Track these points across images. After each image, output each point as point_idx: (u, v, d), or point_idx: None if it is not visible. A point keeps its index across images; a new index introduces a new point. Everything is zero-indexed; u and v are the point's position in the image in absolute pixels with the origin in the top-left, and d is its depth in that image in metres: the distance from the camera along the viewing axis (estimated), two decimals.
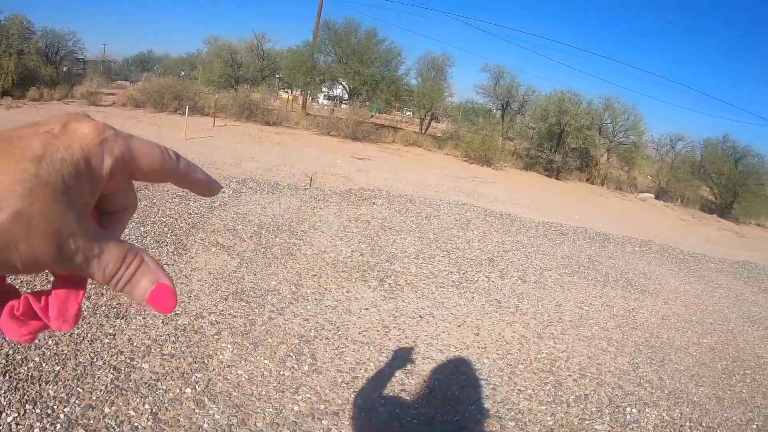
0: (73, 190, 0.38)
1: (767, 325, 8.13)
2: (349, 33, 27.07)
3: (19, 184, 0.35)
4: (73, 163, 0.38)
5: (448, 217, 9.59)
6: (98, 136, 0.40)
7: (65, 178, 0.37)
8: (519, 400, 4.02)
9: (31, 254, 0.36)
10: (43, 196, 0.36)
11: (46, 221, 0.36)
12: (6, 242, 0.35)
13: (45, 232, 0.36)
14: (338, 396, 3.50)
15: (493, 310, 5.65)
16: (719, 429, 4.45)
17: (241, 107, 20.80)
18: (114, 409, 2.89)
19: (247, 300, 4.63)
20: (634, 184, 28.85)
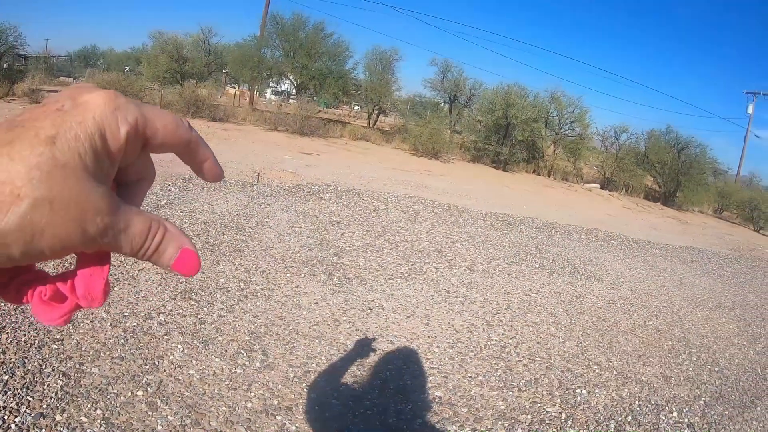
0: (92, 166, 0.37)
1: (710, 306, 8.42)
2: (297, 27, 26.86)
3: (36, 169, 0.34)
4: (88, 138, 0.37)
5: (396, 210, 9.62)
6: (110, 105, 0.39)
7: (82, 156, 0.37)
8: (470, 386, 4.07)
9: (58, 239, 0.36)
10: (63, 179, 0.35)
11: (69, 204, 0.36)
12: (30, 232, 0.35)
13: (69, 215, 0.36)
14: (291, 391, 3.48)
15: (442, 300, 5.69)
16: (668, 406, 4.59)
17: (187, 103, 20.39)
18: (66, 416, 2.81)
19: (196, 299, 4.56)
20: (581, 174, 29.45)
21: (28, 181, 0.34)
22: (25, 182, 0.34)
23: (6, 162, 0.34)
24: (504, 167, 25.11)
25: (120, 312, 4.05)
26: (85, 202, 0.36)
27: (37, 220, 0.34)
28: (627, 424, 4.10)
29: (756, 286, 11.80)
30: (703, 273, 11.39)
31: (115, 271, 4.73)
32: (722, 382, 5.51)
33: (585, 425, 3.94)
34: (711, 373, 5.65)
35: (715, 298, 9.21)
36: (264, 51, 27.07)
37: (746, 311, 8.94)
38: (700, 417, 4.57)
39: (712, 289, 9.92)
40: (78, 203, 0.36)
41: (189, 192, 8.04)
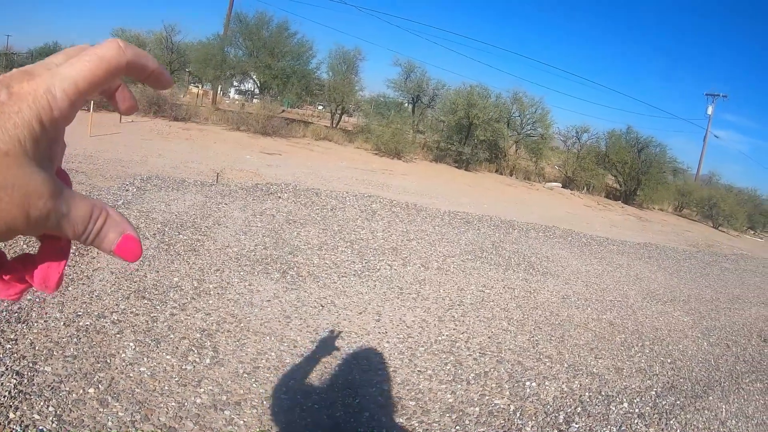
0: (32, 152, 0.38)
1: (665, 301, 8.59)
2: (261, 26, 26.54)
3: None
4: (26, 125, 0.38)
5: (353, 209, 9.61)
6: (41, 89, 0.40)
7: (22, 142, 0.38)
8: (419, 380, 4.09)
9: (3, 222, 0.37)
10: (5, 166, 0.36)
11: (13, 189, 0.37)
12: None
13: (12, 200, 0.37)
14: (240, 386, 3.50)
15: (394, 297, 5.70)
16: (618, 397, 4.66)
17: (149, 102, 20.00)
18: (18, 414, 2.82)
19: (149, 298, 4.53)
20: (542, 174, 29.81)
21: None
22: None
23: None
24: (466, 167, 25.27)
25: (74, 311, 4.03)
26: (27, 187, 0.37)
27: None
28: (576, 415, 4.15)
29: (712, 281, 12.08)
30: (660, 268, 11.62)
31: (70, 272, 4.70)
32: (674, 373, 5.62)
33: (533, 416, 3.97)
34: (663, 365, 5.75)
35: (671, 292, 9.40)
36: (227, 50, 26.68)
37: (701, 304, 9.14)
38: (651, 407, 4.65)
39: (668, 283, 10.12)
40: (20, 188, 0.37)
41: (147, 192, 7.94)
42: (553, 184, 28.08)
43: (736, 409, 5.21)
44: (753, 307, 10.51)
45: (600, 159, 31.30)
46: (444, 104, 27.47)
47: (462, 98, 25.81)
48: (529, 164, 29.80)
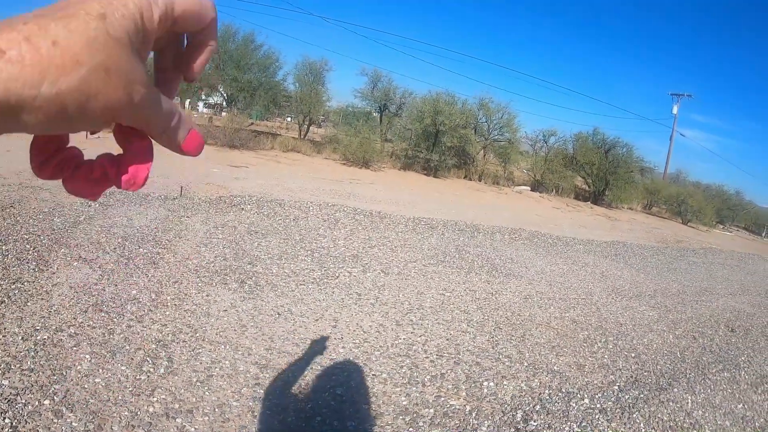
0: (136, 44, 0.42)
1: (630, 296, 8.65)
2: (227, 39, 26.33)
3: (94, 40, 0.39)
4: (131, 17, 0.42)
5: (316, 218, 9.55)
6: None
7: (128, 33, 0.41)
8: (373, 384, 4.08)
9: (109, 102, 0.40)
10: (116, 50, 0.40)
11: (120, 72, 0.40)
12: (87, 93, 0.39)
13: (120, 81, 0.40)
14: (193, 395, 3.50)
15: (352, 303, 5.65)
16: (579, 393, 4.65)
17: None
18: None
19: (107, 311, 4.49)
20: (511, 178, 30.03)
21: (87, 49, 0.38)
22: (84, 50, 0.38)
23: (65, 33, 0.38)
24: (434, 173, 25.34)
25: (32, 326, 4.02)
26: (133, 73, 0.42)
27: (93, 84, 0.39)
28: (535, 413, 4.13)
29: (679, 275, 12.23)
30: (626, 265, 11.72)
31: (29, 287, 4.67)
32: (639, 367, 5.64)
33: (490, 416, 3.95)
34: (627, 359, 5.77)
35: (637, 288, 9.47)
36: None
37: (667, 299, 9.22)
38: (613, 402, 4.65)
39: (634, 280, 10.20)
40: (127, 72, 0.41)
41: (110, 207, 7.81)
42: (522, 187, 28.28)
43: (703, 399, 5.23)
44: (720, 298, 10.65)
45: (568, 161, 31.67)
46: (411, 112, 27.57)
47: (428, 106, 25.93)
48: (497, 169, 30.01)
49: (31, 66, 0.37)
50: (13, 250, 5.55)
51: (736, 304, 10.40)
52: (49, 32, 0.38)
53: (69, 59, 0.38)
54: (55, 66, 0.37)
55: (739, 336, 7.96)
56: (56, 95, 0.38)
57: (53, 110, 0.38)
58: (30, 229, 6.27)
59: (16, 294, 4.46)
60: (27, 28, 0.38)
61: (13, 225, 6.30)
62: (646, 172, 35.72)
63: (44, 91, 0.37)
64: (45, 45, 0.37)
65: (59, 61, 0.37)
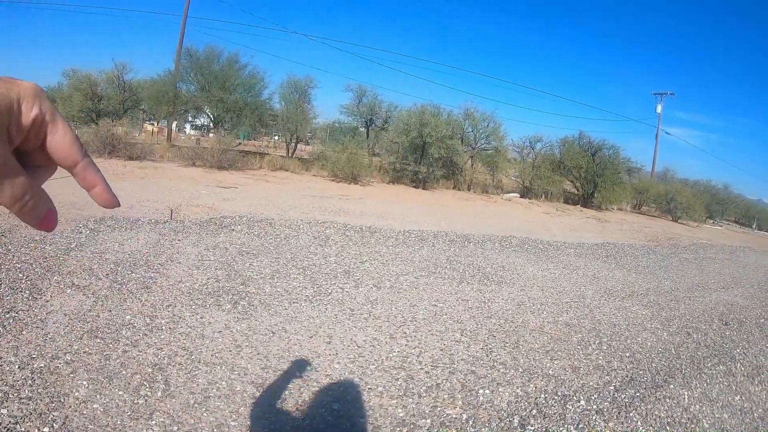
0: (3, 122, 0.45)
1: (623, 297, 8.71)
2: (211, 60, 26.34)
3: None
4: (8, 99, 0.45)
5: (307, 236, 9.57)
6: (34, 90, 0.49)
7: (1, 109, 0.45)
8: (370, 397, 4.09)
9: None
10: None
11: None
12: None
13: None
14: (191, 416, 3.51)
15: (345, 318, 5.68)
16: (575, 396, 4.69)
17: (103, 142, 19.52)
18: None
19: (102, 337, 4.49)
20: (500, 186, 30.17)
21: None
22: None
23: None
24: (423, 185, 25.41)
25: (28, 354, 4.01)
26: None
27: None
28: (531, 418, 4.16)
29: (671, 273, 12.31)
30: (618, 266, 11.80)
31: (24, 316, 4.69)
32: (634, 366, 5.68)
33: (487, 423, 3.97)
34: (622, 359, 5.81)
35: (629, 288, 9.54)
36: (179, 85, 26.42)
37: (660, 296, 9.29)
38: (609, 402, 4.68)
39: (626, 280, 10.27)
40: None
41: (100, 233, 7.80)
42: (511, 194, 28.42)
43: (700, 394, 5.28)
44: (713, 293, 10.73)
45: (555, 166, 31.91)
46: (397, 125, 27.64)
47: (414, 118, 26.03)
48: (486, 177, 30.15)
49: None
50: (6, 279, 5.56)
51: (729, 298, 10.48)
52: None
53: None
54: None
55: (733, 329, 8.02)
56: None
57: None
58: (22, 257, 6.28)
59: (10, 323, 4.47)
60: None
61: (4, 254, 6.31)
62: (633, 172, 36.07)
63: None
64: None
65: None
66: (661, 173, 48.00)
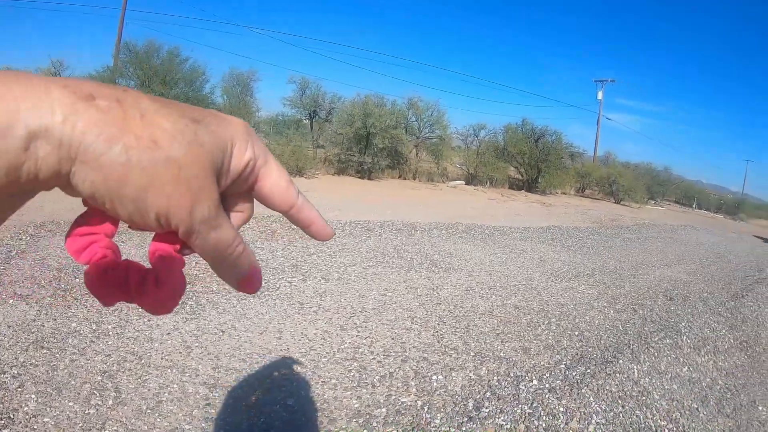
0: (217, 165, 0.41)
1: (569, 277, 8.88)
2: (151, 54, 25.58)
3: (180, 134, 0.38)
4: (222, 140, 0.42)
5: (252, 231, 9.44)
6: (247, 131, 0.46)
7: (214, 150, 0.41)
8: (324, 390, 4.08)
9: (167, 201, 0.38)
10: (197, 155, 0.39)
11: (193, 177, 0.39)
12: (150, 181, 0.37)
13: (188, 186, 0.39)
14: (144, 423, 3.44)
15: (295, 313, 5.63)
16: (527, 376, 4.77)
17: None
18: None
19: (48, 347, 4.32)
20: (445, 174, 30.35)
21: (170, 137, 0.38)
22: (167, 137, 0.37)
23: (155, 117, 0.38)
24: (369, 176, 25.39)
25: None
26: (205, 185, 0.40)
27: (161, 175, 0.37)
28: (486, 400, 4.21)
29: (615, 252, 12.62)
30: (564, 248, 12.03)
31: None
32: (583, 344, 5.81)
33: (442, 408, 4.01)
34: (571, 338, 5.93)
35: (575, 269, 9.74)
36: (118, 81, 25.64)
37: (605, 276, 9.52)
38: (561, 380, 4.78)
39: (572, 261, 10.48)
40: (198, 180, 0.39)
41: (41, 239, 7.50)
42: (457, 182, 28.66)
43: (648, 367, 5.44)
44: (657, 269, 11.05)
45: (499, 153, 32.32)
46: (341, 117, 27.52)
47: (358, 109, 25.94)
48: (431, 166, 30.29)
49: (112, 121, 0.36)
50: None
51: (673, 274, 10.81)
52: (141, 106, 0.38)
53: (148, 135, 0.37)
54: (132, 134, 0.36)
55: (677, 303, 8.28)
56: (122, 164, 0.36)
57: (112, 175, 0.36)
58: None
59: None
60: (125, 95, 0.38)
61: None
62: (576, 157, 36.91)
63: (113, 152, 0.36)
64: (133, 113, 0.37)
65: (138, 132, 0.36)
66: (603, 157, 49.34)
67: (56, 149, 0.35)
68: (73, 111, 0.35)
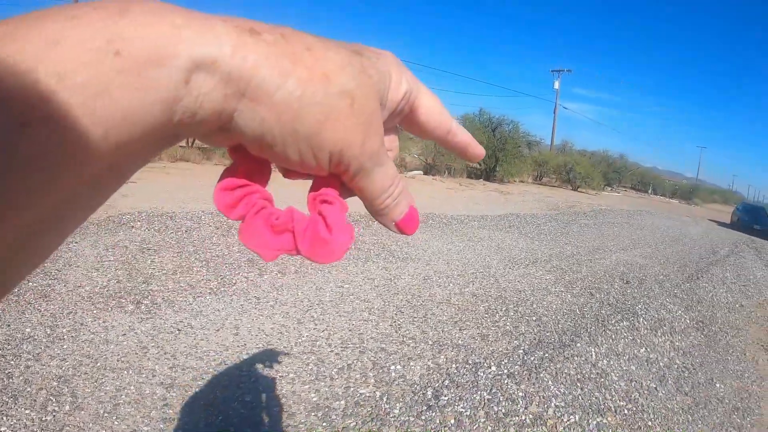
0: (382, 95, 0.40)
1: (527, 264, 8.98)
2: None
3: (349, 66, 0.36)
4: (382, 72, 0.40)
5: (209, 226, 9.31)
6: (398, 62, 0.43)
7: (378, 82, 0.39)
8: (282, 385, 4.05)
9: (343, 135, 0.36)
10: (366, 85, 0.37)
11: (364, 110, 0.37)
12: (325, 116, 0.35)
13: (359, 120, 0.37)
14: (101, 426, 3.38)
15: (251, 308, 5.57)
16: (486, 362, 4.81)
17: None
18: None
19: (2, 354, 4.19)
20: (404, 164, 30.46)
21: (340, 69, 0.36)
22: (337, 69, 0.35)
23: (322, 50, 0.36)
24: None
25: None
26: (375, 119, 0.38)
27: (334, 107, 0.35)
28: (445, 388, 4.23)
29: (572, 238, 12.81)
30: (521, 235, 12.16)
31: None
32: (541, 329, 5.88)
33: (401, 398, 4.01)
34: (529, 323, 6.00)
35: (532, 255, 9.85)
36: None
37: (562, 261, 9.64)
38: (519, 365, 4.83)
39: (530, 247, 10.60)
40: (369, 113, 0.37)
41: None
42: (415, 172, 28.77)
43: (606, 350, 5.54)
44: (613, 254, 11.25)
45: None
46: None
47: None
48: None
49: (282, 54, 0.34)
50: None
51: (629, 258, 11.02)
52: (306, 40, 0.36)
53: (320, 68, 0.35)
54: (304, 67, 0.34)
55: (633, 286, 8.44)
56: (297, 99, 0.34)
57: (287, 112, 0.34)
58: None
59: None
60: (287, 30, 0.36)
61: None
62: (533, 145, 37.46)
63: (288, 86, 0.34)
64: (299, 47, 0.35)
65: (309, 64, 0.35)
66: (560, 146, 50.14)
67: (223, 84, 0.32)
68: (241, 43, 0.33)
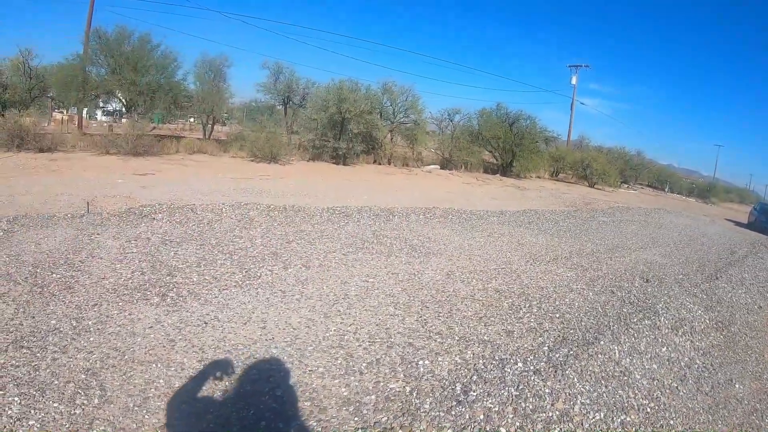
0: None
1: (548, 260, 8.97)
2: (122, 41, 24.81)
3: None
4: None
5: (230, 219, 9.37)
6: None
7: None
8: (312, 379, 4.07)
9: None
10: None
11: None
12: None
13: None
14: (132, 420, 3.39)
15: (278, 301, 5.61)
16: (512, 358, 4.83)
17: (10, 135, 18.19)
18: None
19: (28, 346, 4.22)
20: (420, 158, 30.43)
21: None
22: None
23: None
24: (344, 161, 25.34)
25: None
26: None
27: None
28: (473, 384, 4.26)
29: (591, 235, 12.76)
30: (541, 231, 12.14)
31: None
32: (564, 326, 5.88)
33: (430, 393, 4.04)
34: (553, 320, 6.00)
35: (553, 252, 9.83)
36: (89, 69, 24.91)
37: (582, 258, 9.62)
38: (545, 362, 4.84)
39: (550, 244, 10.58)
40: None
41: (15, 234, 7.31)
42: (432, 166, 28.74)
43: (629, 348, 5.55)
44: (632, 252, 11.20)
45: (474, 137, 32.53)
46: (315, 102, 27.35)
47: (332, 94, 25.85)
48: (406, 151, 30.35)
49: None
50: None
51: (648, 257, 10.98)
52: None
53: None
54: None
55: (654, 285, 8.41)
56: None
57: None
58: None
59: None
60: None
61: None
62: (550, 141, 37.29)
63: None
64: None
65: None
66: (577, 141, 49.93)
67: None
68: None
